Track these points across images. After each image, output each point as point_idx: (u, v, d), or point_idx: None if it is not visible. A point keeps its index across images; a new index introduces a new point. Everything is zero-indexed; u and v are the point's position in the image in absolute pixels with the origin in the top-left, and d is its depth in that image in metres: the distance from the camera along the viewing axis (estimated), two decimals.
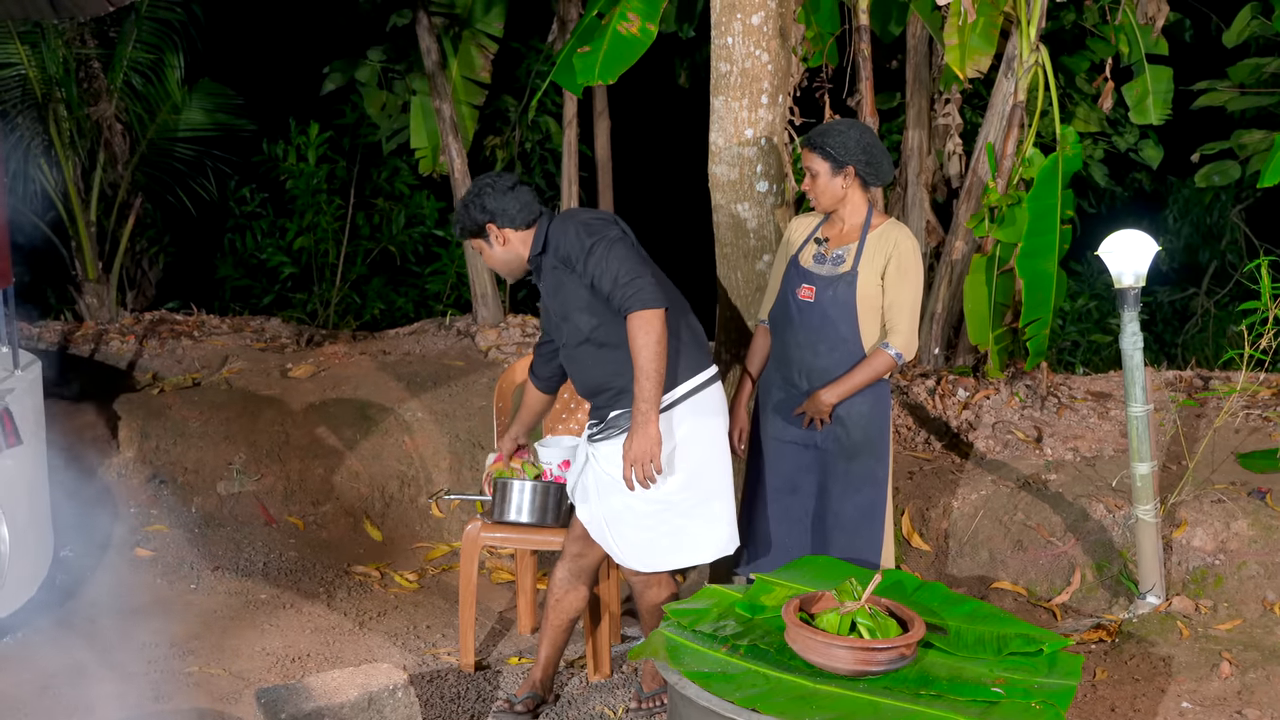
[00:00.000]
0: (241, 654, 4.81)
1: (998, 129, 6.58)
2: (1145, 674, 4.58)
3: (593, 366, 4.15)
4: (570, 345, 4.17)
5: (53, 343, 7.59)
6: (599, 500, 4.17)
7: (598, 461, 4.17)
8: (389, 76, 9.29)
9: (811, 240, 4.39)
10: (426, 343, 7.63)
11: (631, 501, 4.10)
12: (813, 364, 4.32)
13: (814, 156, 4.26)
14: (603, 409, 4.17)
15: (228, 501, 6.16)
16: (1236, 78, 8.24)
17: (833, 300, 4.28)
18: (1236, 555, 5.08)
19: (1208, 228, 10.80)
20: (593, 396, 4.19)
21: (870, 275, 4.26)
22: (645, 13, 5.62)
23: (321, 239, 9.99)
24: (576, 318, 4.11)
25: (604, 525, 4.18)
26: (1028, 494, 5.55)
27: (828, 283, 4.29)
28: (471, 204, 4.16)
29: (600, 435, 4.17)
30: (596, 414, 4.20)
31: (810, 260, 4.35)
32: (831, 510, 4.37)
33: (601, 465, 4.16)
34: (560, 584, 4.36)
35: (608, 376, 4.12)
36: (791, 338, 4.37)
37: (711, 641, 3.52)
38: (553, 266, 4.14)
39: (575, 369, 4.21)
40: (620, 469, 4.06)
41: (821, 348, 4.31)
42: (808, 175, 4.29)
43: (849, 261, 4.28)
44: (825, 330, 4.30)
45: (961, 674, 3.36)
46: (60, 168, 8.27)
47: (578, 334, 4.13)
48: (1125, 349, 4.80)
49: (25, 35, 8.07)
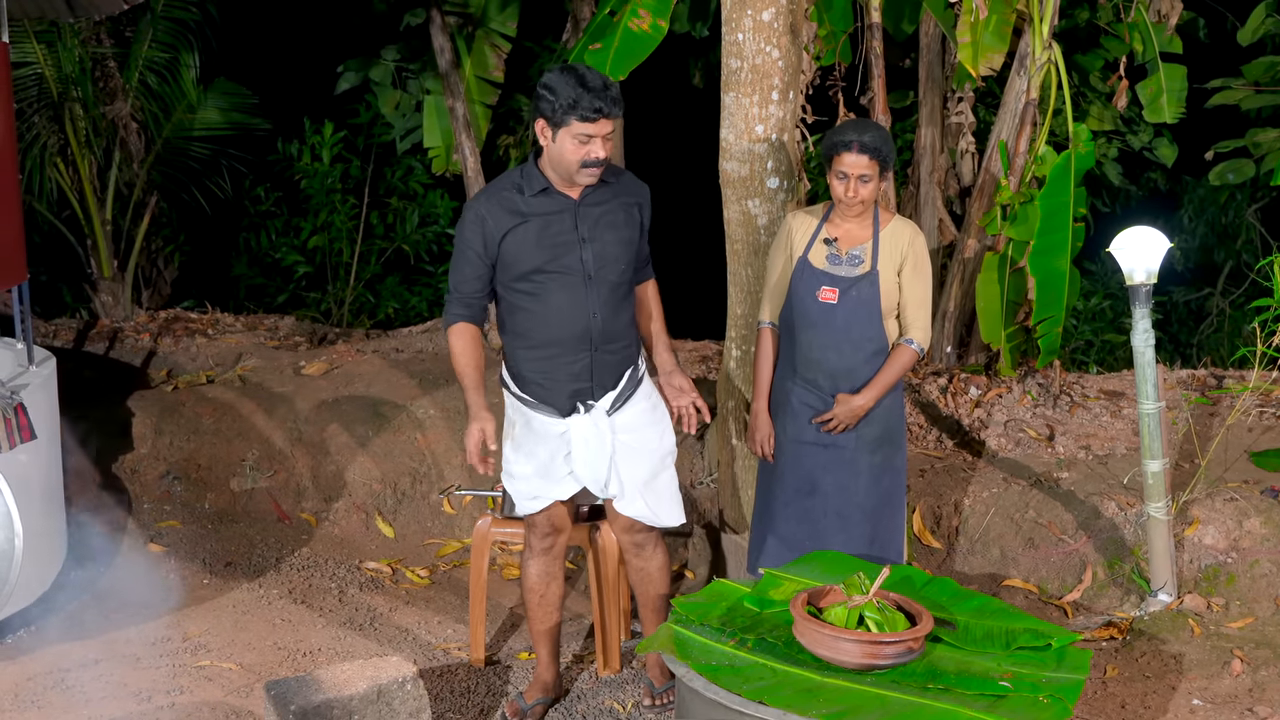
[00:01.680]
0: (254, 648, 4.83)
1: (1010, 127, 6.56)
2: (1156, 671, 4.57)
3: (624, 312, 4.17)
4: (610, 281, 4.10)
5: (68, 340, 7.65)
6: (632, 475, 4.19)
7: (618, 434, 4.16)
8: (403, 76, 9.32)
9: (819, 241, 4.36)
10: (439, 341, 7.64)
11: (654, 461, 4.23)
12: (837, 365, 4.33)
13: (871, 162, 4.20)
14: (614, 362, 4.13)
15: (241, 498, 6.19)
16: (1251, 76, 8.21)
17: (857, 300, 4.29)
18: (1249, 553, 5.07)
19: (1223, 227, 10.76)
20: (609, 343, 4.11)
21: (889, 273, 4.30)
22: (656, 9, 5.63)
23: (336, 238, 10.02)
24: (627, 261, 4.15)
25: (641, 497, 4.21)
26: (1039, 492, 5.54)
27: (850, 283, 4.30)
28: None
29: (619, 403, 4.16)
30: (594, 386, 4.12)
31: (825, 261, 4.33)
32: (856, 504, 4.40)
33: (625, 437, 4.17)
34: (539, 579, 4.36)
35: (628, 327, 4.20)
36: (814, 339, 4.35)
37: (719, 635, 3.52)
38: (626, 204, 4.14)
39: (608, 310, 4.10)
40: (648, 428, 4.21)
41: (846, 348, 4.32)
42: (854, 179, 4.19)
43: (867, 261, 4.30)
44: (850, 331, 4.31)
45: (969, 668, 3.36)
46: (76, 166, 8.32)
47: (623, 274, 4.14)
48: (1137, 346, 4.80)
49: (41, 34, 8.12)
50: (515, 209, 4.01)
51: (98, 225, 8.42)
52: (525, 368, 4.14)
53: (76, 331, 7.79)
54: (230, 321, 8.25)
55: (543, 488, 4.20)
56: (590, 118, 3.83)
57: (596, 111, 3.82)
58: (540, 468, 4.19)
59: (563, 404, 4.12)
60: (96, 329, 7.89)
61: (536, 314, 4.06)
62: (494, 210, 4.01)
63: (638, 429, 4.20)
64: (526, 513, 4.28)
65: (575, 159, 3.90)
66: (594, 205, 4.06)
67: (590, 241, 4.04)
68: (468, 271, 4.05)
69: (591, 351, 4.09)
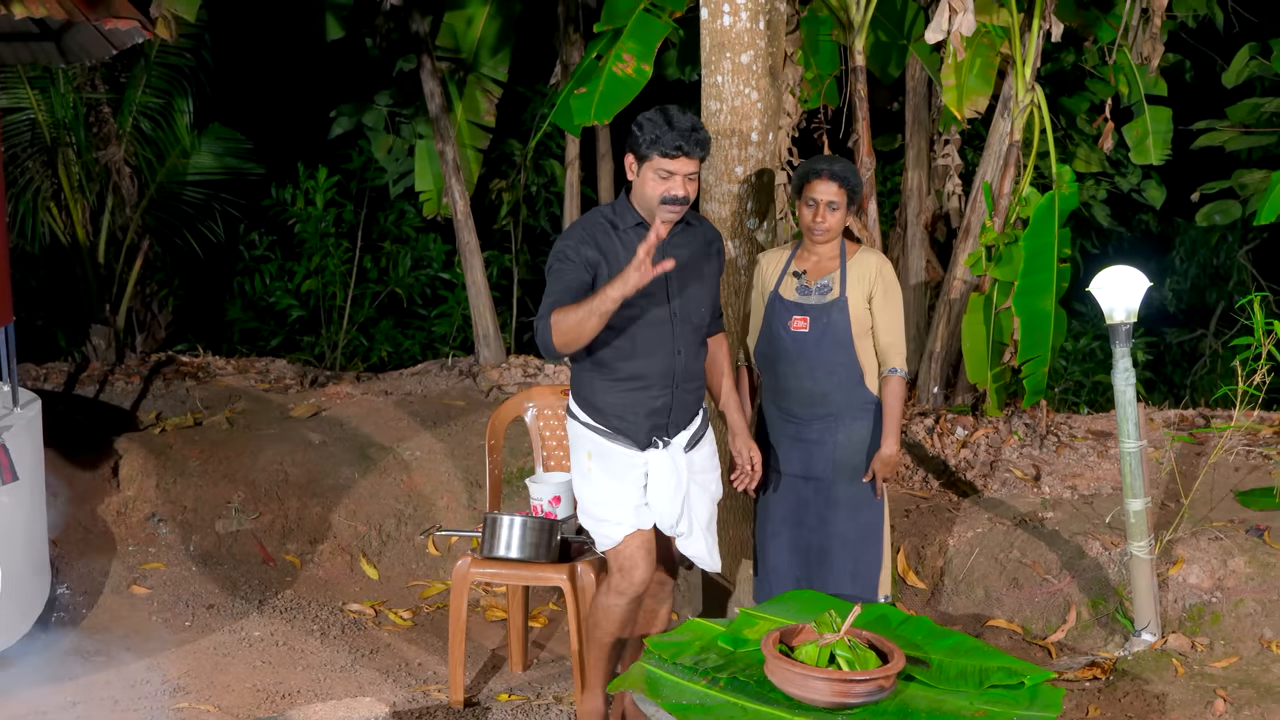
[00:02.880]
0: (232, 690, 4.81)
1: (995, 168, 6.61)
2: (1139, 711, 4.54)
3: (702, 354, 4.25)
4: (693, 324, 4.17)
5: (59, 383, 7.66)
6: (699, 515, 4.24)
7: (693, 473, 4.21)
8: (396, 120, 9.39)
9: (789, 274, 4.45)
10: (429, 383, 7.66)
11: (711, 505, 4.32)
12: (812, 390, 4.45)
13: (839, 190, 4.36)
14: (690, 401, 4.20)
15: (226, 540, 6.18)
16: (1236, 117, 8.27)
17: (828, 327, 4.41)
18: (1234, 593, 5.05)
19: (1214, 269, 10.78)
20: (688, 381, 4.16)
21: (858, 300, 4.41)
22: (640, 53, 5.68)
23: (329, 282, 10.05)
24: (709, 305, 4.24)
25: (704, 538, 4.25)
26: (1024, 531, 5.53)
27: (821, 311, 4.42)
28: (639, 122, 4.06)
29: (693, 443, 4.22)
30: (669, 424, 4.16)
31: (794, 293, 4.45)
32: (836, 535, 4.48)
33: (698, 476, 4.24)
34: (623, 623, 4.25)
35: (703, 368, 4.28)
36: (788, 369, 4.47)
37: (692, 674, 3.51)
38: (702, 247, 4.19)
39: (690, 350, 4.16)
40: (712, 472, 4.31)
41: (819, 373, 4.44)
42: (823, 207, 4.34)
43: (835, 289, 4.42)
44: (822, 356, 4.43)
45: (942, 706, 3.35)
46: (69, 211, 8.37)
47: (703, 317, 4.21)
48: (1117, 385, 4.81)
49: (35, 80, 8.19)
50: (609, 244, 4.05)
51: (90, 269, 8.46)
52: (604, 399, 4.13)
53: (67, 375, 7.81)
54: (221, 365, 8.26)
55: (622, 515, 4.17)
56: (671, 154, 3.91)
57: (677, 149, 3.90)
58: (620, 498, 4.16)
59: (641, 437, 4.14)
60: (87, 372, 7.90)
61: (623, 348, 4.08)
62: (588, 242, 4.05)
63: (704, 470, 4.28)
64: (609, 545, 4.19)
65: (655, 194, 3.96)
66: (681, 246, 4.09)
67: (677, 281, 4.09)
68: (564, 283, 4.01)
69: (673, 389, 4.14)
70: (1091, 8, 7.00)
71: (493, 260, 9.66)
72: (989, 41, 6.40)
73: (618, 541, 4.16)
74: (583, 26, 8.18)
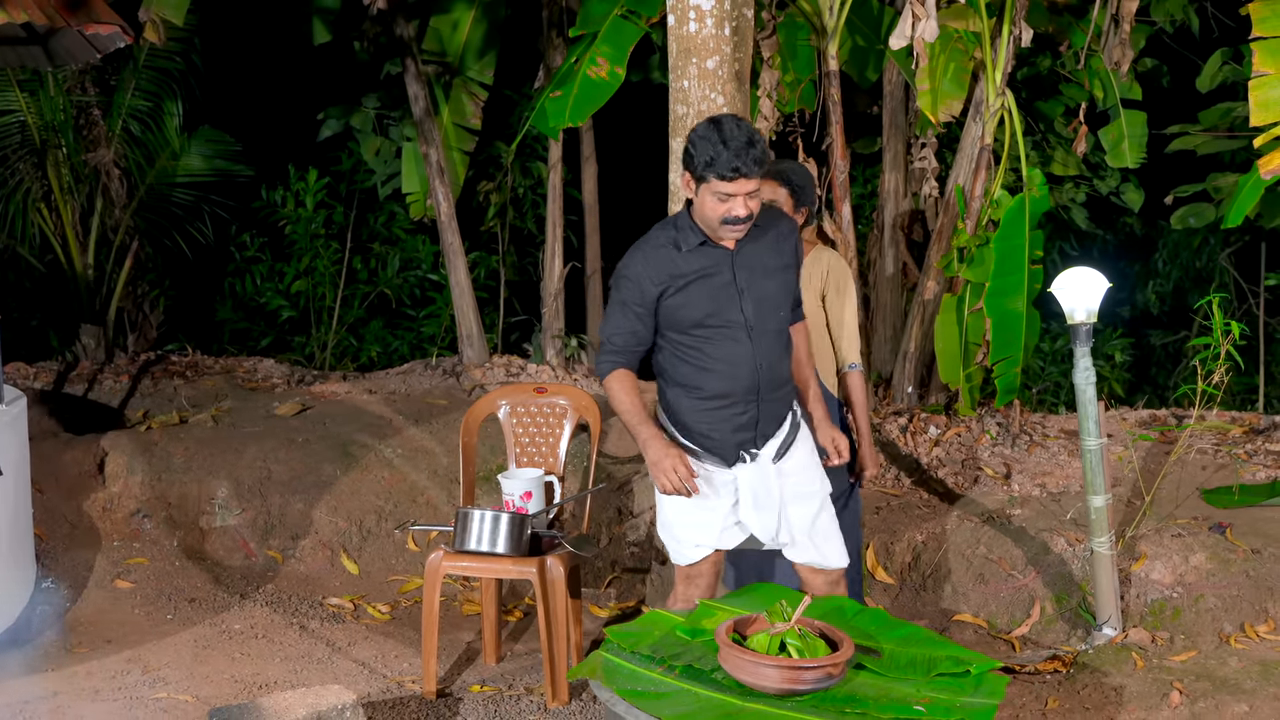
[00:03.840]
0: (211, 681, 4.91)
1: (967, 171, 6.71)
2: (1096, 703, 4.64)
3: (786, 358, 4.13)
4: (772, 330, 4.05)
5: (48, 382, 7.76)
6: (800, 520, 4.12)
7: (785, 479, 4.10)
8: (384, 123, 9.50)
9: None
10: (413, 382, 7.76)
11: (815, 504, 4.16)
12: None
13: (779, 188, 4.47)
14: (778, 409, 4.09)
15: (209, 535, 6.28)
16: (1207, 121, 8.38)
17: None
18: (1194, 588, 5.14)
19: (1197, 271, 10.89)
20: (773, 391, 4.06)
21: (811, 297, 4.52)
22: (613, 57, 5.79)
23: (319, 282, 10.15)
24: (786, 305, 4.12)
25: (810, 541, 4.14)
26: (990, 528, 5.63)
27: None
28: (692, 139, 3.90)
29: (783, 450, 4.11)
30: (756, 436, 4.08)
31: None
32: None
33: (791, 481, 4.12)
34: None
35: (788, 370, 4.16)
36: None
37: (649, 662, 3.60)
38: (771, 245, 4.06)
39: (772, 359, 4.05)
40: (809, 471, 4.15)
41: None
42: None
43: None
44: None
45: (889, 694, 3.45)
46: (59, 212, 8.48)
47: (782, 320, 4.10)
48: (1078, 383, 4.90)
49: (25, 83, 8.30)
50: (673, 269, 3.95)
51: (79, 270, 8.57)
52: (691, 418, 4.06)
53: (57, 374, 7.91)
54: (210, 364, 8.37)
55: (707, 536, 4.10)
56: (728, 176, 3.76)
57: (734, 171, 3.75)
58: (707, 520, 4.09)
59: (729, 453, 4.06)
60: (77, 371, 8.01)
61: (703, 367, 4.01)
62: (651, 271, 3.95)
63: (799, 474, 4.14)
64: (687, 561, 4.15)
65: (716, 216, 3.84)
66: (749, 254, 4.00)
67: (749, 291, 3.99)
68: (623, 325, 4.00)
69: (758, 402, 4.05)
70: (1064, 13, 7.11)
71: (480, 261, 9.77)
72: (962, 46, 6.51)
73: (694, 561, 4.14)
74: (565, 30, 8.29)
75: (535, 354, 8.74)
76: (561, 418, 5.26)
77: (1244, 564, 5.14)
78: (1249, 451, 6.34)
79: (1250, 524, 5.43)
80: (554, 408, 5.28)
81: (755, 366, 4.00)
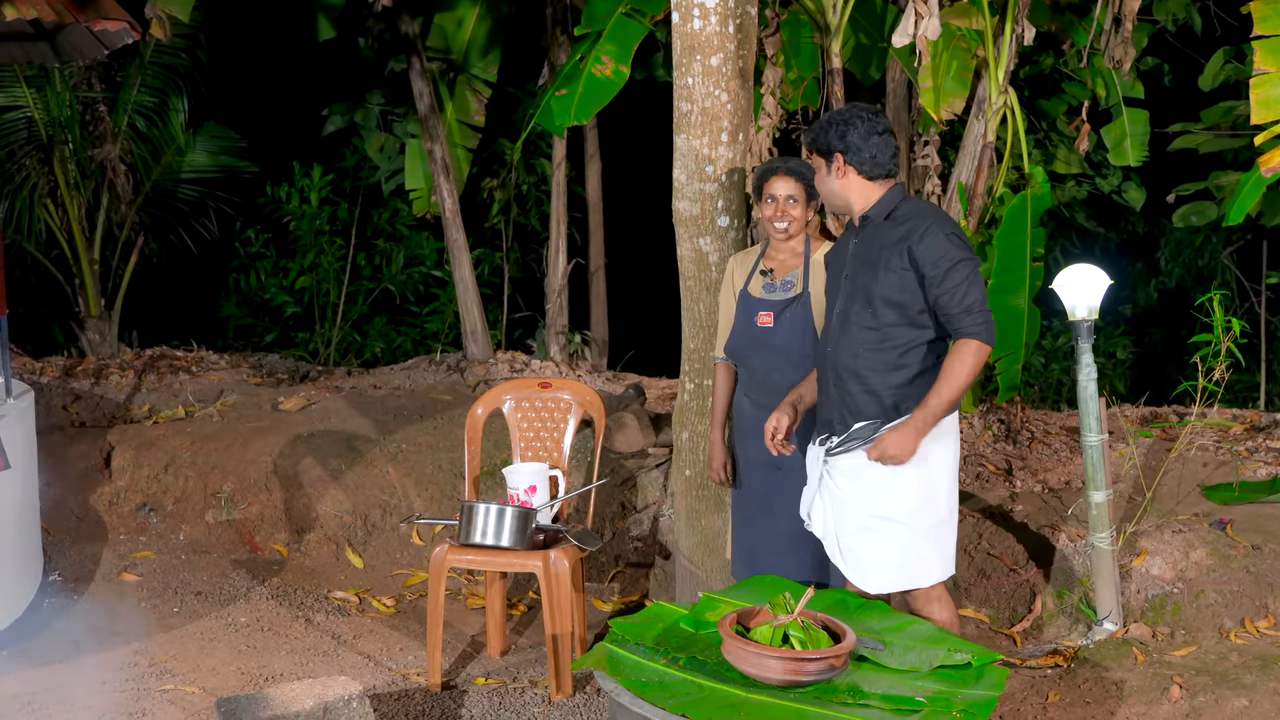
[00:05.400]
0: (218, 673, 4.95)
1: (969, 169, 6.73)
2: (1096, 698, 4.67)
3: (863, 357, 4.02)
4: (854, 325, 4.03)
5: (54, 376, 7.80)
6: (836, 518, 4.12)
7: (833, 478, 4.10)
8: (388, 119, 9.54)
9: (756, 273, 4.60)
10: (417, 378, 7.80)
11: (868, 520, 4.04)
12: (781, 382, 4.51)
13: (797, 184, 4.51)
14: (843, 412, 4.05)
15: (215, 529, 6.32)
16: (1209, 120, 8.40)
17: (791, 322, 4.52)
18: (1195, 584, 5.17)
19: (1198, 269, 10.92)
20: (840, 385, 4.05)
21: (819, 293, 4.51)
22: (618, 55, 5.81)
23: (323, 279, 10.20)
24: (880, 306, 3.98)
25: (836, 543, 4.13)
26: (992, 524, 5.66)
27: (784, 306, 4.54)
28: (833, 127, 4.01)
29: (840, 449, 4.06)
30: (834, 420, 4.08)
31: (761, 290, 4.58)
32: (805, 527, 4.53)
33: (838, 482, 4.08)
34: None
35: (869, 374, 4.01)
36: (758, 363, 4.58)
37: (653, 654, 3.63)
38: (889, 243, 3.98)
39: (844, 353, 4.04)
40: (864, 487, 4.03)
41: (787, 368, 4.52)
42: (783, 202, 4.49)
43: (798, 285, 4.54)
44: (789, 350, 4.53)
45: (891, 686, 3.48)
46: (65, 207, 8.52)
47: (870, 319, 4.00)
48: (1080, 380, 4.93)
49: (31, 79, 8.34)
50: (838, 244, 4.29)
51: (85, 265, 8.61)
52: (819, 393, 4.23)
53: (63, 368, 7.95)
54: (214, 359, 8.41)
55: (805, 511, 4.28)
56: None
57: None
58: (808, 490, 4.27)
59: (819, 430, 4.18)
60: (82, 366, 8.05)
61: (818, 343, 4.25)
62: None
63: (849, 479, 4.06)
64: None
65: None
66: (864, 244, 4.06)
67: (852, 278, 4.06)
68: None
69: (830, 385, 4.09)
70: (1066, 12, 7.13)
71: (484, 258, 9.80)
72: (964, 44, 6.52)
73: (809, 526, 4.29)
74: (570, 28, 8.33)
75: (539, 350, 8.77)
76: (566, 412, 5.29)
77: (1244, 560, 5.16)
78: (1250, 448, 6.37)
79: (1251, 520, 5.46)
80: (558, 402, 5.31)
81: (826, 347, 4.12)
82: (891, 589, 4.11)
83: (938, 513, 4.08)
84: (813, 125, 4.09)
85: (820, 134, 4.05)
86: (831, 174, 4.06)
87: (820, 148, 4.06)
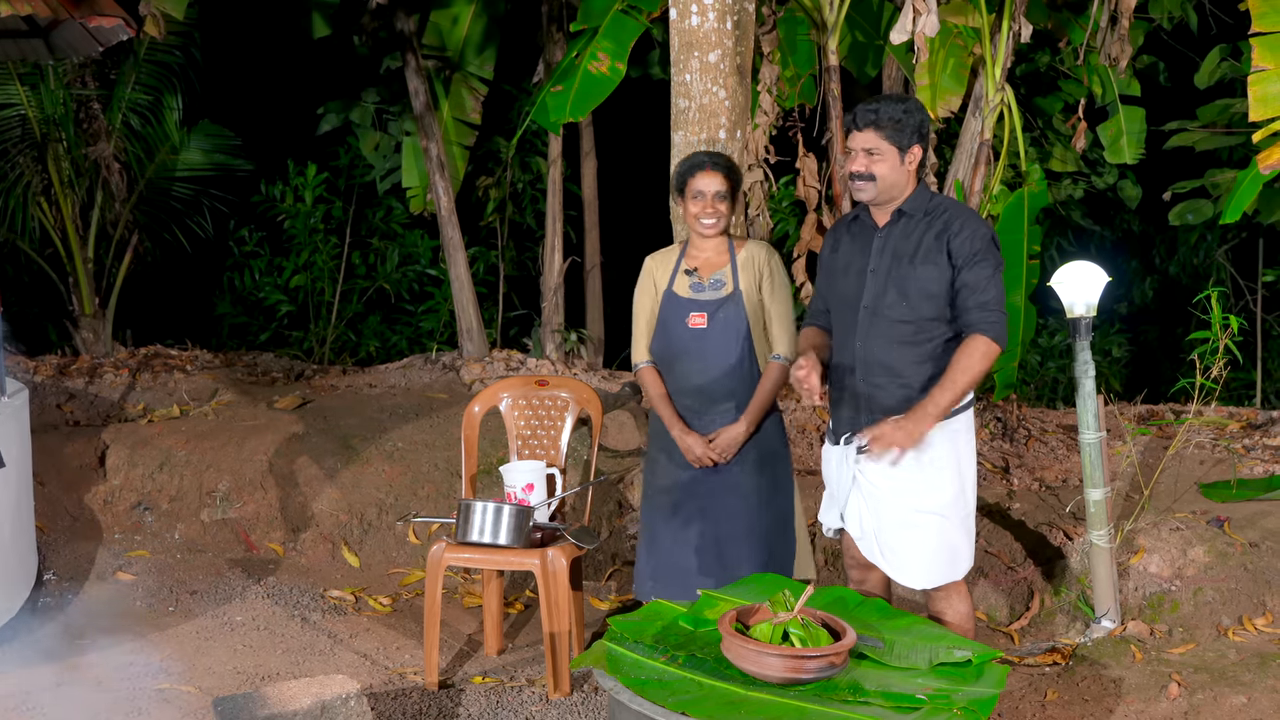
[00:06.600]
0: (214, 672, 4.92)
1: (966, 166, 6.73)
2: (1095, 695, 4.66)
3: (895, 349, 4.00)
4: (885, 319, 4.01)
5: (49, 375, 7.77)
6: (875, 517, 4.08)
7: (867, 477, 4.05)
8: (383, 117, 9.52)
9: (680, 273, 4.56)
10: (412, 376, 7.78)
11: (909, 516, 4.03)
12: (713, 384, 4.51)
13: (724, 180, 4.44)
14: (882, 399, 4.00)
15: (210, 528, 6.30)
16: (1205, 118, 8.41)
17: (725, 321, 4.49)
18: (1193, 581, 5.17)
19: (1194, 267, 10.93)
20: (875, 377, 4.02)
21: (750, 291, 4.50)
22: (614, 52, 5.80)
23: (318, 277, 10.18)
24: (917, 298, 3.97)
25: (875, 541, 4.09)
26: (990, 522, 5.66)
27: (717, 306, 4.50)
28: (911, 116, 3.96)
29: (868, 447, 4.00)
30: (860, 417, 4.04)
31: (689, 290, 4.54)
32: (745, 525, 4.53)
33: (873, 480, 4.04)
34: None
35: (904, 366, 4.00)
36: (687, 366, 4.54)
37: (652, 652, 3.62)
38: (928, 236, 3.98)
39: (877, 342, 4.01)
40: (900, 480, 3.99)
41: (721, 367, 4.51)
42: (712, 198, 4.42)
43: (729, 284, 4.51)
44: (724, 350, 4.50)
45: (891, 683, 3.46)
46: (59, 206, 8.49)
47: (905, 312, 3.98)
48: (1078, 377, 4.93)
49: (25, 77, 8.32)
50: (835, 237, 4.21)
51: (79, 263, 8.59)
52: (831, 391, 4.19)
53: (57, 367, 7.92)
54: (209, 358, 8.39)
55: (828, 507, 4.24)
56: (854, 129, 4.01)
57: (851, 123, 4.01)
58: (830, 490, 4.21)
59: (841, 429, 4.13)
60: (77, 364, 8.02)
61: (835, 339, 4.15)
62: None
63: (885, 476, 4.03)
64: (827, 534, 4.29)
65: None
66: (898, 237, 4.02)
67: (877, 273, 4.02)
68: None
69: (856, 380, 4.06)
70: (1063, 9, 7.13)
71: (479, 256, 9.79)
72: (961, 42, 6.53)
73: (829, 532, 4.26)
74: (565, 25, 8.32)
75: (535, 348, 8.76)
76: (563, 410, 5.28)
77: (1242, 557, 5.16)
78: (1246, 446, 6.37)
79: (1248, 518, 5.46)
80: (555, 400, 5.30)
81: (854, 343, 4.05)
82: (935, 583, 4.10)
83: (969, 504, 4.12)
84: (881, 108, 3.93)
85: (903, 121, 3.95)
86: (904, 164, 3.99)
87: (899, 138, 3.95)
